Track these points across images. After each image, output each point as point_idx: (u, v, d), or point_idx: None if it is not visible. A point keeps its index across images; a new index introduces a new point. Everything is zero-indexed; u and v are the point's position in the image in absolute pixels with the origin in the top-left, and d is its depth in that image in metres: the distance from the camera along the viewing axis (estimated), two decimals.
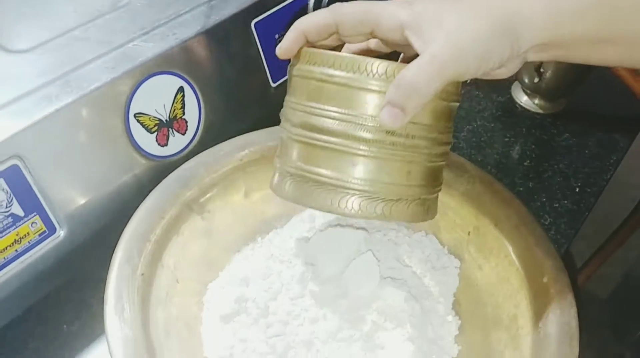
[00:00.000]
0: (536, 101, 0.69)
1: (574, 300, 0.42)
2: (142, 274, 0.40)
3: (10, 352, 0.45)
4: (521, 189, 0.61)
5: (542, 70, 0.65)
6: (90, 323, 0.47)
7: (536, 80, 0.65)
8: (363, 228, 0.48)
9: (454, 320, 0.46)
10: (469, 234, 0.48)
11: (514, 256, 0.45)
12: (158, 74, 0.47)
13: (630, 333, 0.53)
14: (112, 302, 0.38)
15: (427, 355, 0.43)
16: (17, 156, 0.40)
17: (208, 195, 0.47)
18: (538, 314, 0.42)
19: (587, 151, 0.65)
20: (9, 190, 0.40)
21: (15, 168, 0.40)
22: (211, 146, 0.49)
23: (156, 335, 0.39)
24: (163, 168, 0.48)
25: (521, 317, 0.43)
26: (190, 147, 0.51)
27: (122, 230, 0.43)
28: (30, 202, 0.42)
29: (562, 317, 0.41)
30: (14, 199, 0.41)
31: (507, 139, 0.66)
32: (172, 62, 0.47)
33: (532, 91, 0.68)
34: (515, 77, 0.70)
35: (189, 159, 0.48)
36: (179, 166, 0.47)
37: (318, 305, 0.44)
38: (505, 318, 0.44)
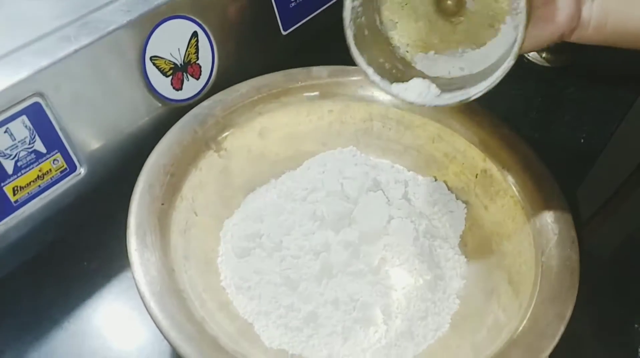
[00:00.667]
0: (543, 55, 0.69)
1: (576, 238, 0.43)
2: (162, 204, 0.42)
3: (31, 287, 0.47)
4: (527, 140, 0.62)
5: None
6: (109, 261, 0.49)
7: None
8: (374, 167, 0.49)
9: (460, 258, 0.48)
10: (476, 176, 0.50)
11: (519, 197, 0.46)
12: (173, 18, 0.48)
13: (631, 292, 0.54)
14: (134, 228, 0.40)
15: (433, 289, 0.45)
16: (39, 94, 0.42)
17: (225, 134, 0.49)
18: (541, 250, 0.43)
19: (592, 104, 0.66)
20: (31, 127, 0.42)
21: (37, 105, 0.42)
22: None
23: (176, 261, 0.41)
24: (178, 112, 0.49)
25: (524, 253, 0.45)
26: (204, 92, 0.52)
27: (140, 170, 0.44)
28: (52, 139, 0.43)
29: (564, 252, 0.42)
30: (37, 136, 0.42)
31: (514, 92, 0.67)
32: (187, 6, 0.48)
33: None
34: None
35: None
36: None
37: (328, 241, 0.45)
38: (509, 254, 0.46)
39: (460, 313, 0.45)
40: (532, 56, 0.70)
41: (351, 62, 0.41)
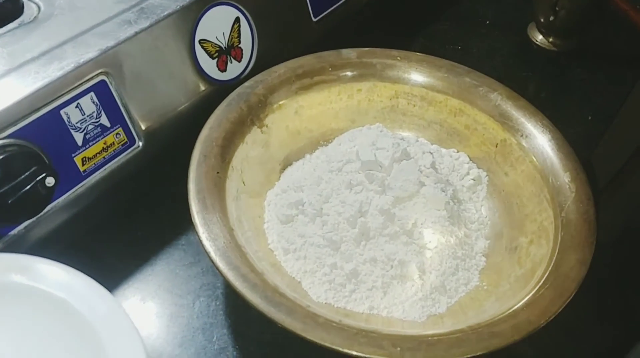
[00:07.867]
0: (551, 39, 0.74)
1: (592, 195, 0.48)
2: (217, 173, 0.46)
3: (95, 252, 0.50)
4: None
5: (557, 8, 0.70)
6: (161, 231, 0.53)
7: (551, 18, 0.71)
8: (403, 139, 0.54)
9: (484, 220, 0.52)
10: (496, 146, 0.54)
11: (537, 161, 0.51)
12: (218, 5, 0.52)
13: (632, 277, 0.56)
14: (194, 193, 0.44)
15: (461, 248, 0.50)
16: (105, 73, 0.46)
17: (266, 111, 0.53)
18: (560, 207, 0.48)
19: (598, 84, 0.71)
20: (98, 103, 0.46)
21: (102, 83, 0.46)
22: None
23: (232, 221, 0.45)
24: (221, 92, 0.54)
25: (544, 211, 0.49)
26: (246, 73, 0.57)
27: (191, 144, 0.48)
28: (115, 115, 0.47)
29: (581, 207, 0.47)
30: (102, 112, 0.46)
31: (524, 74, 0.72)
32: None
33: (546, 30, 0.74)
34: (531, 17, 0.75)
35: None
36: None
37: (365, 207, 0.50)
38: (529, 213, 0.50)
39: (487, 269, 0.50)
40: (541, 41, 0.75)
41: (378, 45, 0.45)
